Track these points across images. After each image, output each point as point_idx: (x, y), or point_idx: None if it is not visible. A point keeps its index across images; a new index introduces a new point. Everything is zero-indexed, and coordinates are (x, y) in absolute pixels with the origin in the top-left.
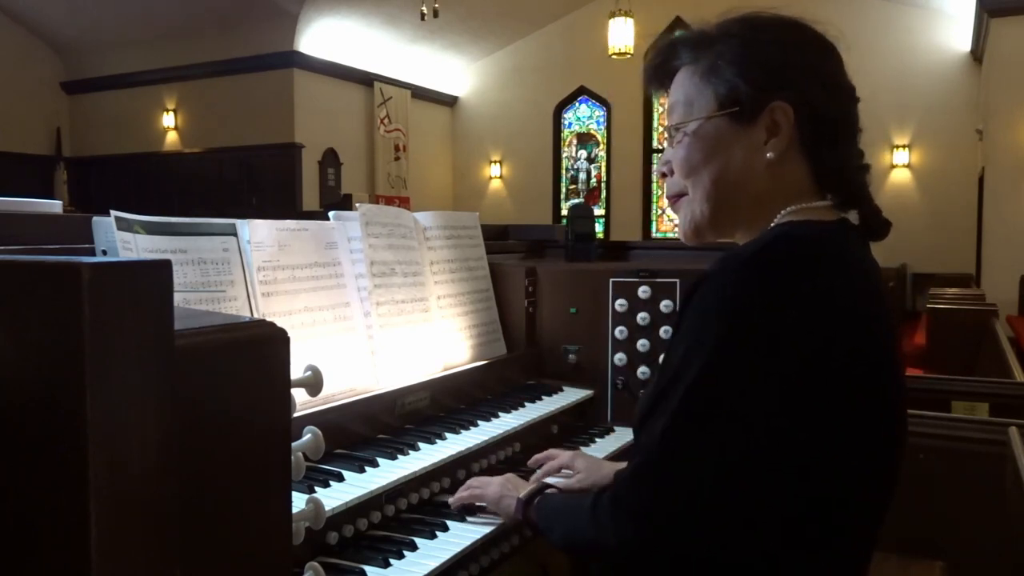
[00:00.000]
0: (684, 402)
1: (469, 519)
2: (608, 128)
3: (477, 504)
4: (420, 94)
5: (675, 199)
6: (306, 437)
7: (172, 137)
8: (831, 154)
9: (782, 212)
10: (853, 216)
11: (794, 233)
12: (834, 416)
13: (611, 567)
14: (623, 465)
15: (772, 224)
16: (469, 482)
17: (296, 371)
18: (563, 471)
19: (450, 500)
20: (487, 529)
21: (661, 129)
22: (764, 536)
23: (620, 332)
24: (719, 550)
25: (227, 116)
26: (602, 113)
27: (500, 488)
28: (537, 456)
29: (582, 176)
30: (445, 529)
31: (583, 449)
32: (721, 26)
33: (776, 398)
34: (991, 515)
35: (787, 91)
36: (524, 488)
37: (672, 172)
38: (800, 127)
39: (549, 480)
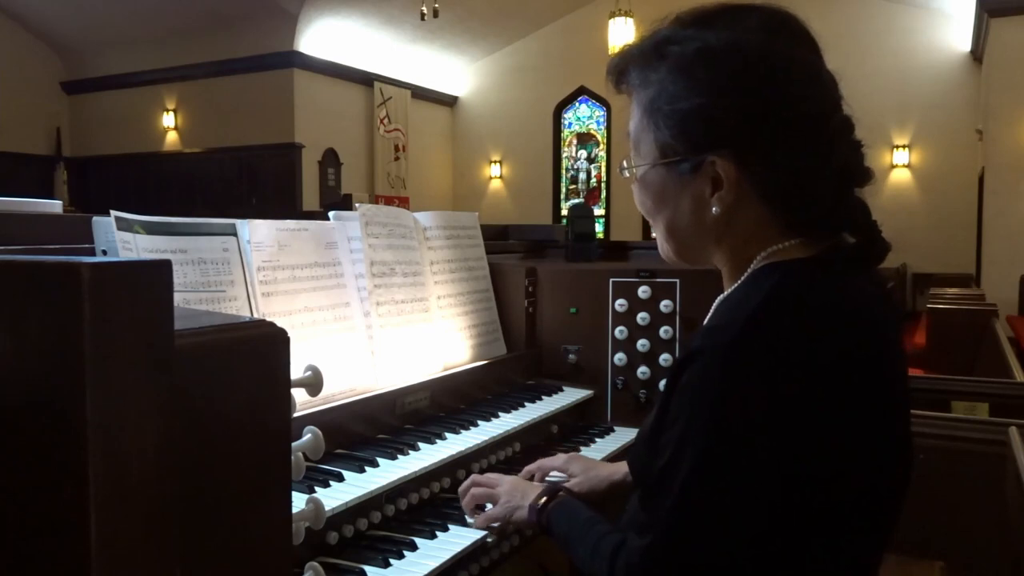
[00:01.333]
0: (686, 486)
1: (469, 519)
2: (608, 128)
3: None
4: (420, 94)
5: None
6: (306, 437)
7: (172, 137)
8: (790, 197)
9: (757, 259)
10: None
11: (775, 300)
12: (838, 476)
13: None
14: (619, 467)
15: (748, 271)
16: (474, 483)
17: (296, 371)
18: (555, 474)
19: (463, 503)
20: (488, 530)
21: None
22: None
23: (620, 332)
24: None
25: (227, 116)
26: (602, 113)
27: (508, 498)
28: (528, 467)
29: (582, 176)
30: (445, 529)
31: (583, 450)
32: (671, 38)
33: (768, 484)
34: (991, 515)
35: (727, 143)
36: (532, 493)
37: None
38: (749, 177)
39: (553, 477)
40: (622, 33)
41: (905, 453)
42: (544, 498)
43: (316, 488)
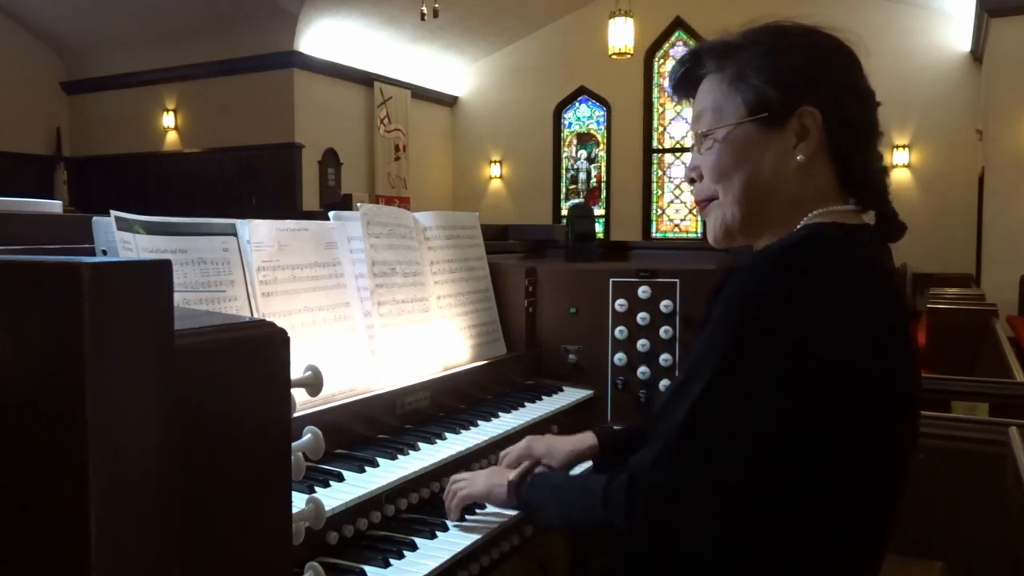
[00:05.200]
0: (704, 393)
1: (468, 519)
2: (608, 128)
3: (470, 501)
4: (420, 94)
5: (704, 203)
6: (306, 437)
7: (172, 137)
8: (857, 158)
9: (810, 214)
10: (870, 216)
11: (822, 235)
12: (843, 415)
13: (616, 567)
14: (581, 439)
15: (799, 225)
16: (453, 481)
17: (296, 371)
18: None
19: (449, 519)
20: (487, 530)
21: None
22: (775, 525)
23: (620, 332)
24: (729, 538)
25: (227, 116)
26: (602, 113)
27: (487, 478)
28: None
29: (582, 176)
30: (445, 529)
31: None
32: (745, 35)
33: (790, 394)
34: (991, 515)
35: (815, 96)
36: (511, 472)
37: (701, 177)
38: (828, 132)
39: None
40: (622, 33)
41: (910, 444)
42: (522, 474)
43: (316, 488)
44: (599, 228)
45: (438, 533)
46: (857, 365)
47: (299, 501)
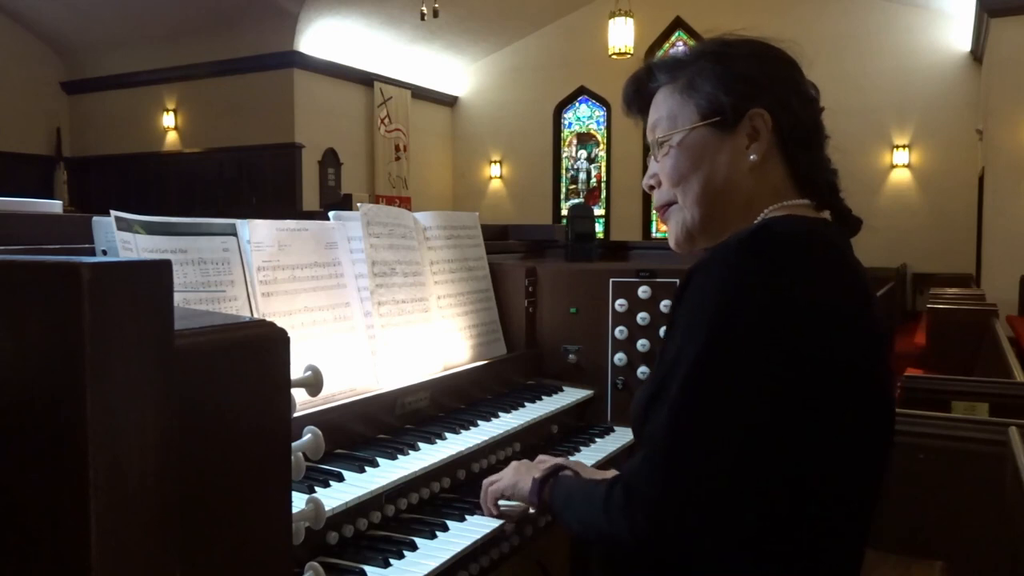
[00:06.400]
0: (684, 391)
1: (469, 519)
2: (608, 128)
3: (499, 494)
4: (420, 94)
5: (664, 208)
6: (306, 437)
7: (172, 137)
8: (807, 157)
9: (766, 210)
10: (827, 216)
11: (778, 225)
12: (821, 400)
13: (613, 568)
14: (611, 474)
15: (756, 221)
16: (485, 486)
17: (296, 371)
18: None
19: (492, 515)
20: (487, 529)
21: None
22: (769, 519)
23: (620, 332)
24: (728, 537)
25: (227, 116)
26: (602, 113)
27: (515, 473)
28: None
29: (582, 176)
30: (445, 529)
31: (583, 450)
32: (694, 49)
33: (768, 382)
34: (991, 515)
35: (763, 99)
36: (538, 469)
37: (660, 184)
38: (778, 132)
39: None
40: (622, 33)
41: (887, 432)
42: (547, 473)
43: (316, 488)
44: (599, 228)
45: (438, 533)
46: (824, 346)
47: (299, 501)
